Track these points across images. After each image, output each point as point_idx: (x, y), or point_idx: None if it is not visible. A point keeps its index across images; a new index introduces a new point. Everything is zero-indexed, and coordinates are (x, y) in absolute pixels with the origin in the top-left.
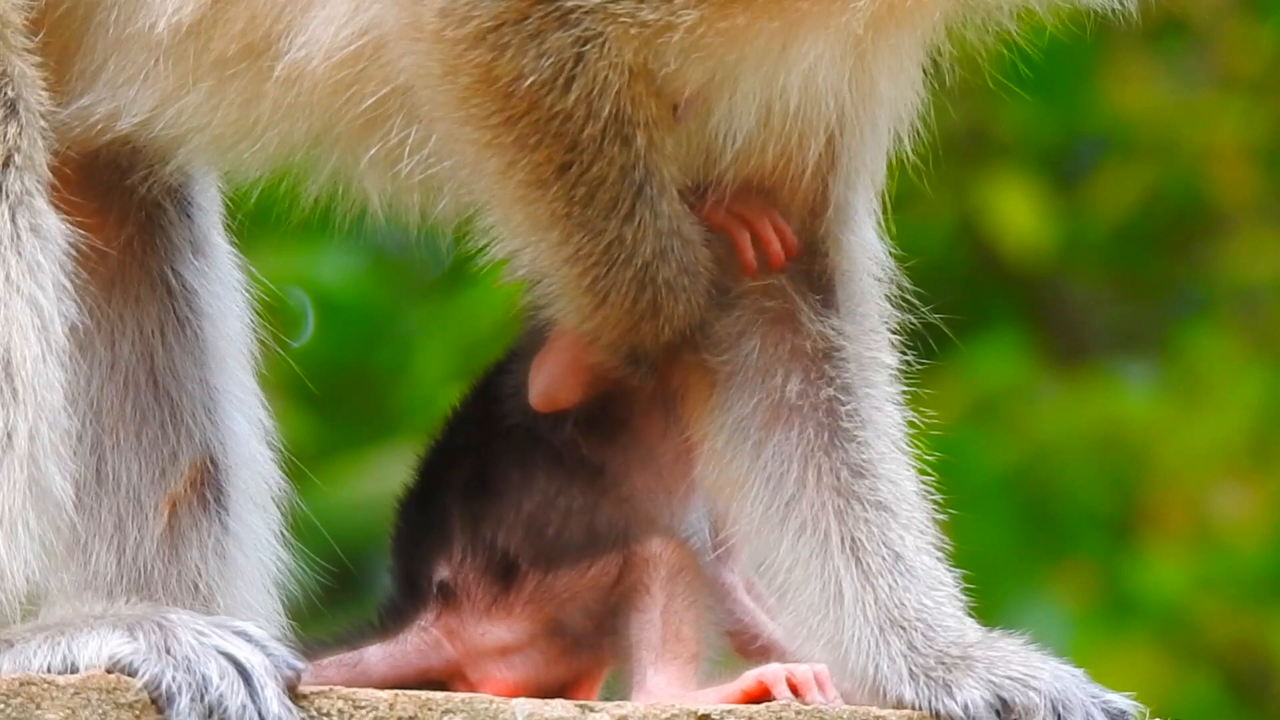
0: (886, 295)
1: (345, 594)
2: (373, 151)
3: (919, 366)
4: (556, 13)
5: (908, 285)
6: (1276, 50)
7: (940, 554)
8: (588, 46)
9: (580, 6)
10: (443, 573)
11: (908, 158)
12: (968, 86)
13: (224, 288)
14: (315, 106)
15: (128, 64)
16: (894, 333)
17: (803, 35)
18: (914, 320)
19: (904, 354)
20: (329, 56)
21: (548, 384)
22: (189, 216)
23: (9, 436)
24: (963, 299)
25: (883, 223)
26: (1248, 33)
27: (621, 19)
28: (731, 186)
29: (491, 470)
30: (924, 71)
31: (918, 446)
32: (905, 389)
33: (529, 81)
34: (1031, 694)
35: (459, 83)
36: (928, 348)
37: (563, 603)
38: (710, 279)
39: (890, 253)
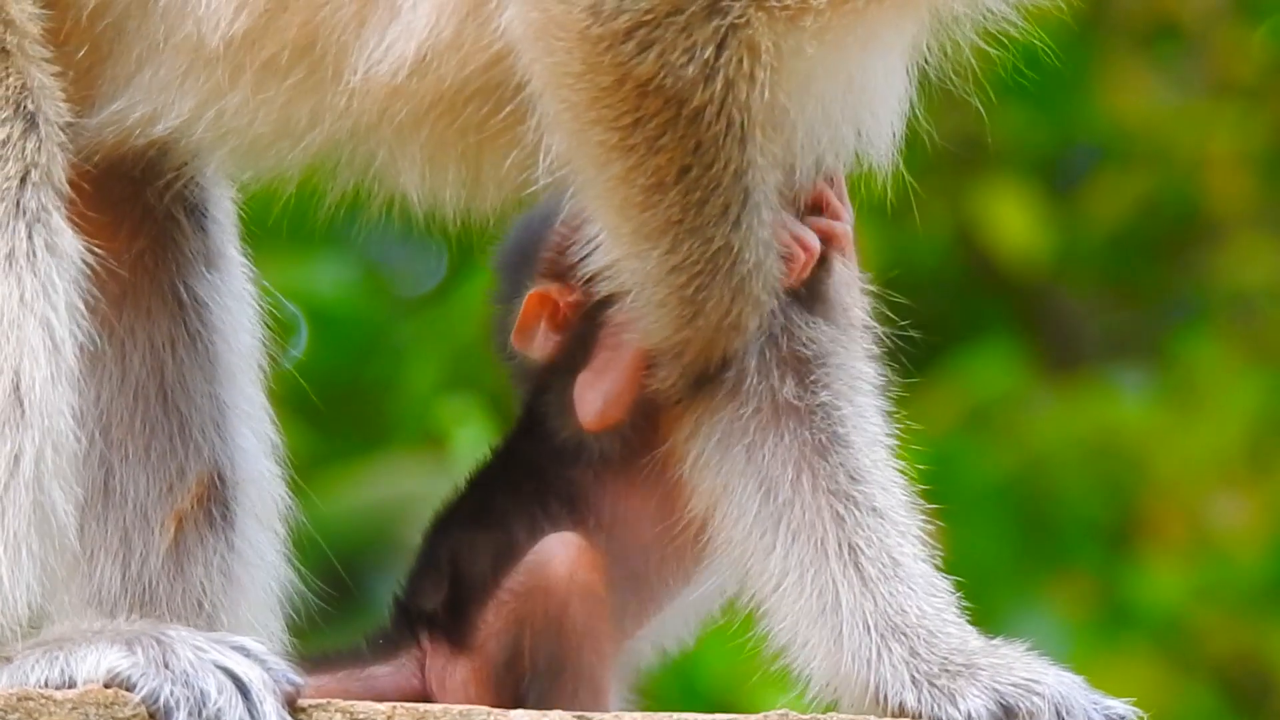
0: (874, 305)
1: (339, 604)
2: (511, 160)
3: (914, 374)
4: (706, 2)
5: (902, 294)
6: (1270, 56)
7: (935, 562)
8: (731, 37)
9: None
10: (427, 604)
11: (906, 166)
12: (963, 94)
13: (235, 301)
14: (368, 112)
15: (167, 68)
16: (887, 341)
17: (907, 17)
18: (909, 328)
19: (899, 362)
20: (399, 65)
21: (605, 402)
22: (203, 229)
23: (15, 460)
24: (958, 307)
25: (880, 231)
26: (1241, 39)
27: (768, 3)
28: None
29: (488, 503)
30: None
31: (913, 455)
32: (900, 397)
33: (668, 79)
34: (1035, 699)
35: (598, 82)
36: (923, 356)
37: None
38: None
39: (886, 261)
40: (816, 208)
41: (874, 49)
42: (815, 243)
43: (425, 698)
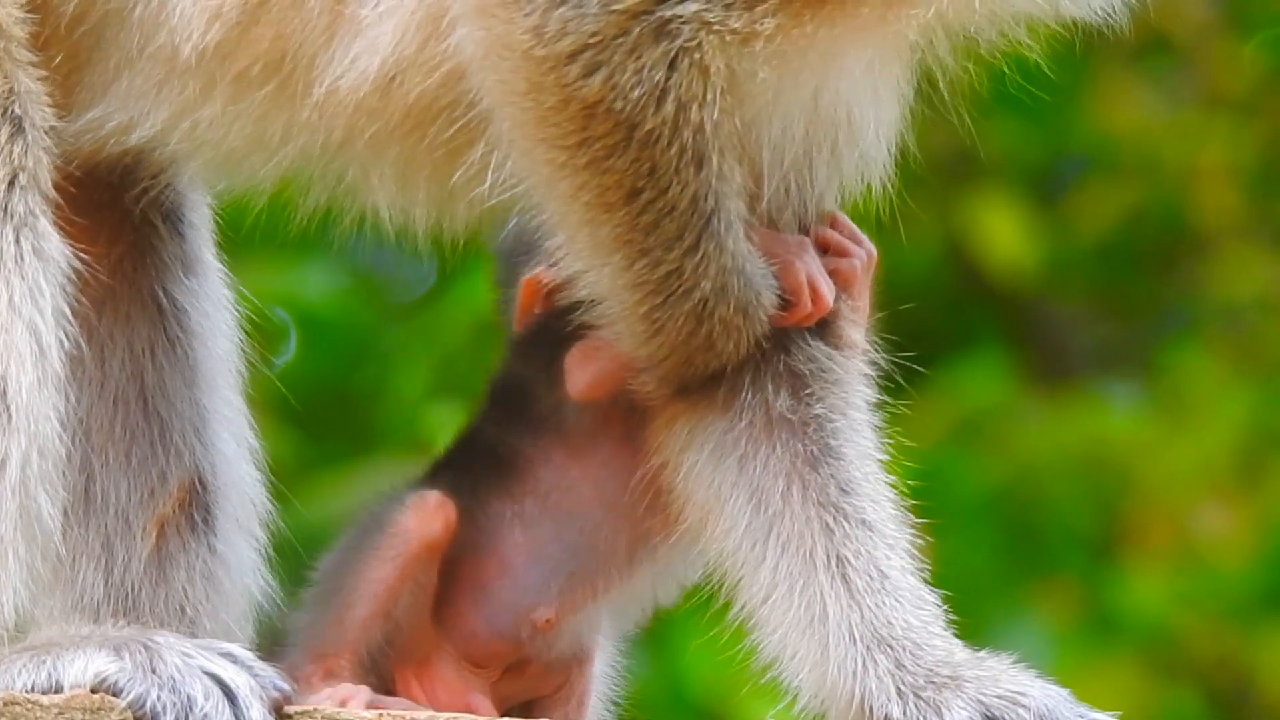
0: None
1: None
2: (461, 174)
3: (904, 386)
4: (655, 24)
5: (892, 305)
6: (1261, 70)
7: (923, 575)
8: (682, 59)
9: (678, 16)
10: None
11: (896, 178)
12: (953, 105)
13: (214, 307)
14: (339, 127)
15: (143, 78)
16: (877, 353)
17: (862, 41)
18: (899, 340)
19: (888, 373)
20: (371, 81)
21: (595, 376)
22: (180, 235)
23: (1, 465)
24: (947, 318)
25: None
26: (1232, 52)
27: (715, 27)
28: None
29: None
30: (907, 87)
31: (902, 466)
32: (890, 408)
33: (616, 102)
34: (1021, 711)
35: (542, 102)
36: (912, 367)
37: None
38: (767, 323)
39: (877, 273)
40: (823, 248)
41: (837, 72)
42: (829, 296)
43: None
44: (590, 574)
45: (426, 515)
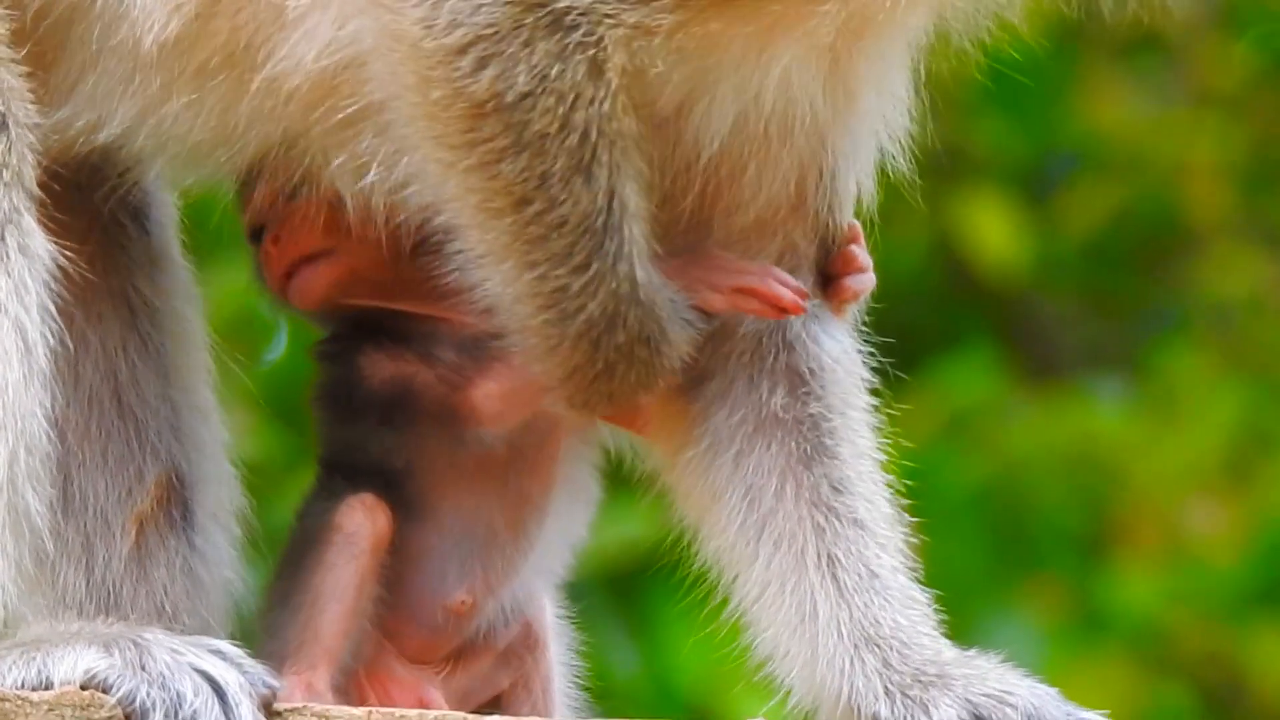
0: (860, 314)
1: None
2: (341, 161)
3: (893, 383)
4: (551, 16)
5: (880, 303)
6: (1250, 68)
7: (914, 575)
8: (576, 55)
9: (574, 8)
10: None
11: (885, 175)
12: (943, 103)
13: (184, 303)
14: (291, 116)
15: (108, 76)
16: (868, 350)
17: (775, 40)
18: (888, 337)
19: (877, 371)
20: (309, 68)
21: (502, 402)
22: (148, 233)
23: None
24: (935, 316)
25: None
26: (1222, 50)
27: (609, 20)
28: (705, 211)
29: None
30: (910, 91)
31: (891, 464)
32: (879, 406)
33: (507, 98)
34: (1008, 710)
35: (430, 96)
36: (901, 364)
37: None
38: (682, 357)
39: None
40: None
41: (767, 72)
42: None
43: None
44: (493, 553)
45: (369, 513)
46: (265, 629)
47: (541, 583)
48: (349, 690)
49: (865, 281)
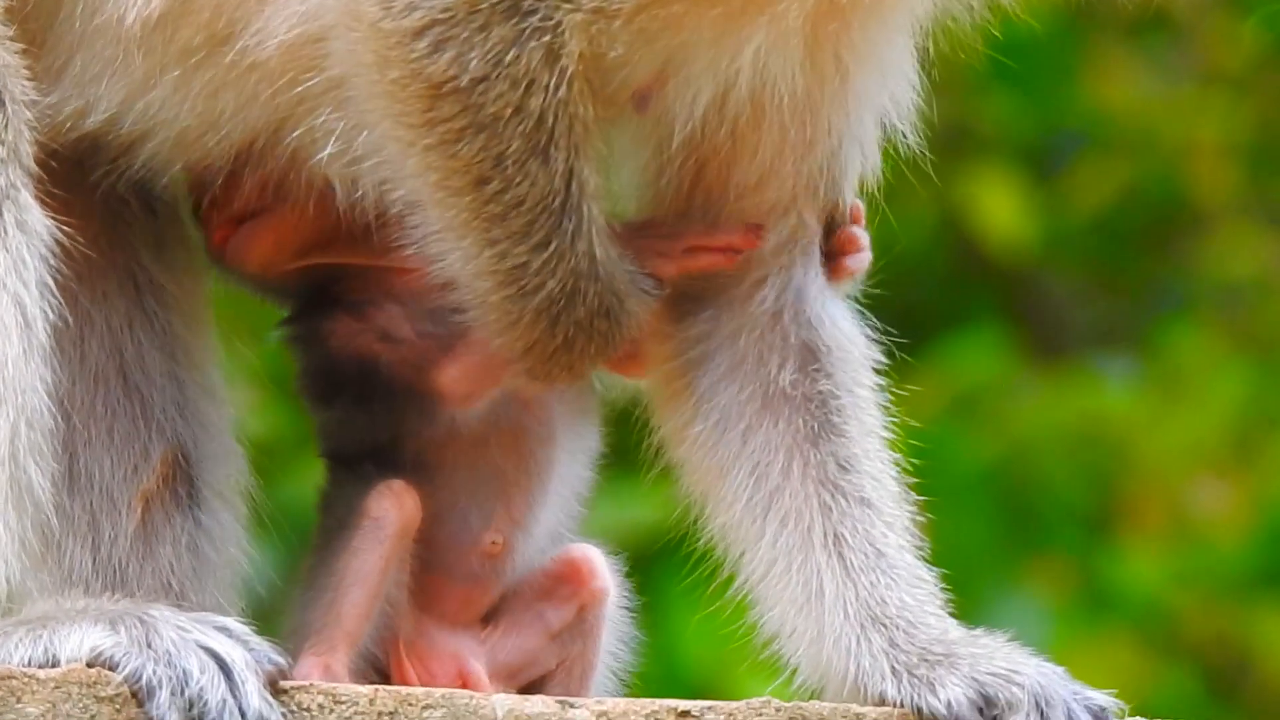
0: (864, 293)
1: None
2: (302, 133)
3: (900, 361)
4: (507, 2)
5: (887, 281)
6: (1259, 47)
7: (920, 553)
8: (531, 41)
9: None
10: None
11: (891, 153)
12: (950, 81)
13: (190, 281)
14: (267, 92)
15: (94, 59)
16: (876, 329)
17: (745, 23)
18: (895, 315)
19: (885, 350)
20: (279, 46)
21: (467, 384)
22: (153, 211)
23: None
24: (943, 294)
25: (868, 218)
26: (1229, 29)
27: (567, 5)
28: (697, 194)
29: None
30: (916, 69)
31: (899, 443)
32: (886, 384)
33: (463, 81)
34: (1014, 689)
35: (388, 76)
36: (909, 343)
37: None
38: (640, 326)
39: (873, 248)
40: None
41: (727, 59)
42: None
43: None
44: (509, 490)
45: (398, 499)
46: (289, 611)
47: (569, 506)
48: (391, 672)
49: (862, 261)
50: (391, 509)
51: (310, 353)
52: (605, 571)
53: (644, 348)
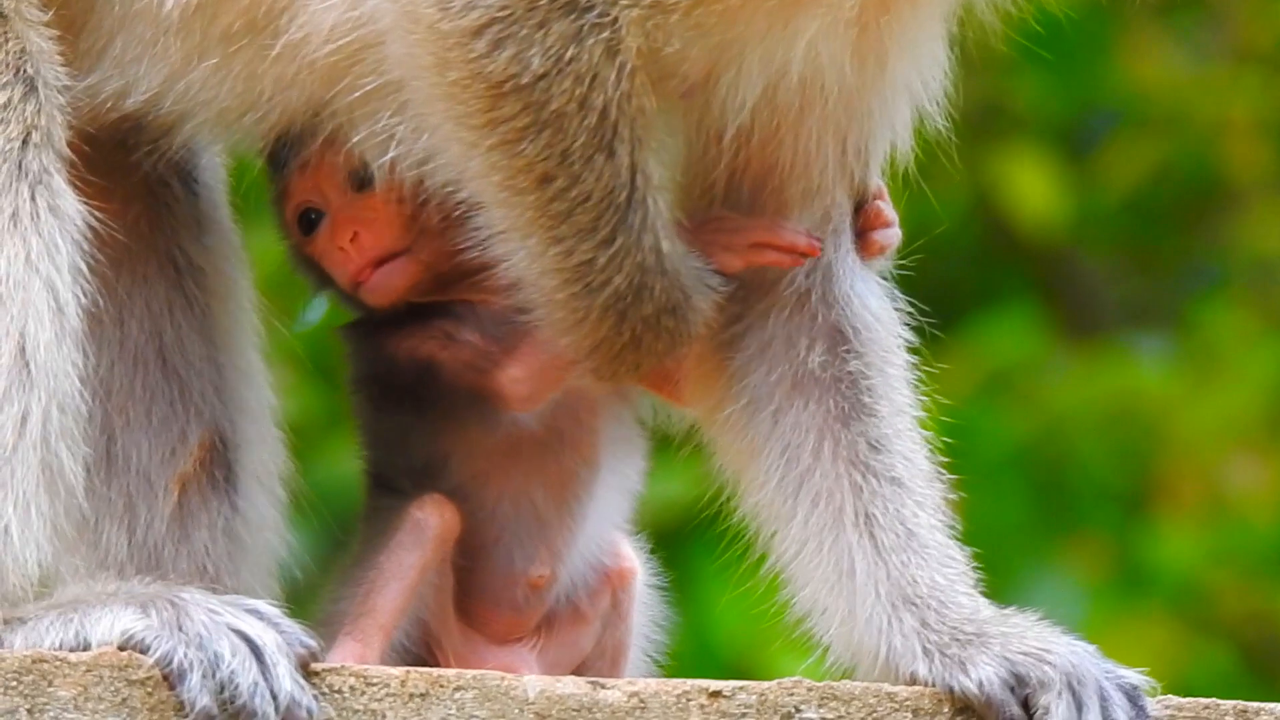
0: (897, 272)
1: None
2: (362, 137)
3: (933, 340)
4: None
5: (921, 260)
6: None
7: (952, 532)
8: (591, 38)
9: None
10: None
11: (937, 132)
12: (982, 60)
13: (230, 265)
14: (313, 84)
15: (135, 41)
16: (908, 308)
17: (800, 13)
18: (928, 294)
19: (918, 329)
20: (326, 40)
21: (529, 385)
22: (194, 194)
23: (23, 420)
24: (976, 273)
25: (900, 198)
26: (1262, 7)
27: (624, 1)
28: (739, 179)
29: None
30: (950, 47)
31: (932, 422)
32: (919, 363)
33: (524, 79)
34: (1046, 669)
35: (448, 77)
36: (942, 322)
37: None
38: (705, 322)
39: (904, 228)
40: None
41: (780, 50)
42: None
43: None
44: (548, 528)
45: (439, 507)
46: (323, 603)
47: (616, 537)
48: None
49: (892, 236)
50: (433, 514)
51: (369, 359)
52: (631, 552)
53: (680, 370)
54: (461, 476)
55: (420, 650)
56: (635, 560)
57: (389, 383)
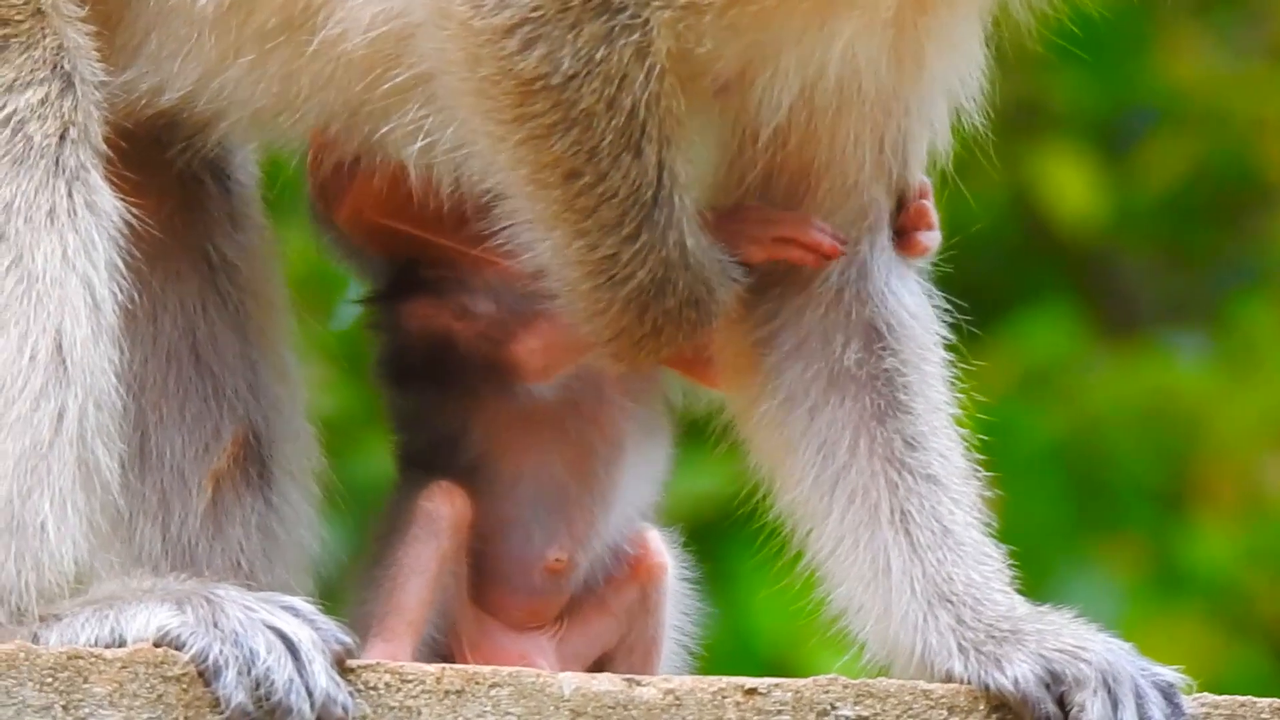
0: (935, 269)
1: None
2: (392, 128)
3: (970, 338)
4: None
5: (958, 258)
6: None
7: (988, 530)
8: (621, 39)
9: None
10: None
11: (962, 131)
12: (1020, 58)
13: (264, 261)
14: (349, 82)
15: (170, 38)
16: (945, 305)
17: (836, 14)
18: (966, 292)
19: (955, 326)
20: (362, 36)
21: (545, 356)
22: (228, 190)
23: (59, 417)
24: (1014, 270)
25: (938, 196)
26: None
27: (657, 2)
28: (776, 178)
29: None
30: (987, 45)
31: (968, 419)
32: (956, 361)
33: (554, 78)
34: (1082, 666)
35: (478, 73)
36: (980, 319)
37: None
38: (724, 315)
39: (942, 226)
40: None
41: (817, 51)
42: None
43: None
44: (571, 508)
45: (447, 496)
46: (350, 605)
47: (647, 529)
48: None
49: (935, 238)
50: (442, 504)
51: (388, 337)
52: (661, 547)
53: (719, 353)
54: (480, 451)
55: (447, 640)
56: (666, 554)
57: (407, 359)
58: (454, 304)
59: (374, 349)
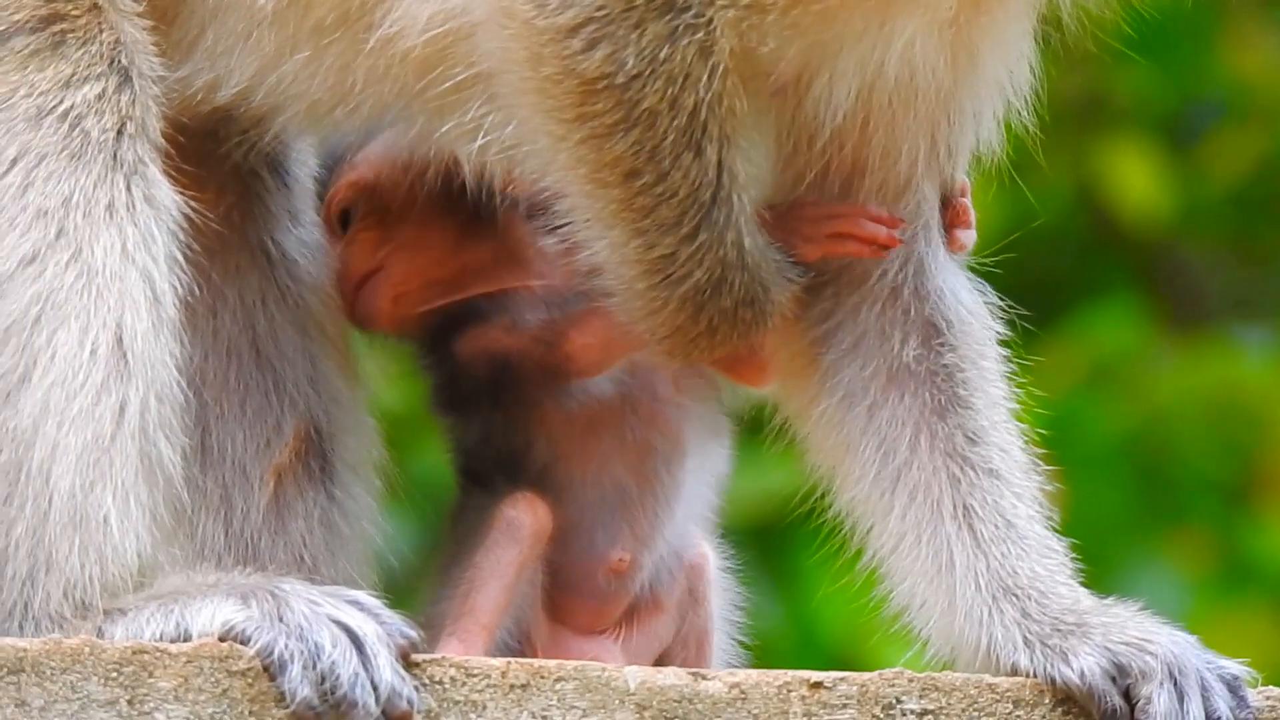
0: (999, 263)
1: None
2: (450, 126)
3: (1036, 332)
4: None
5: (1024, 252)
6: None
7: (1050, 523)
8: (685, 38)
9: None
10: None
11: (1026, 126)
12: (1085, 52)
13: (322, 256)
14: (405, 77)
15: (227, 33)
16: (1010, 300)
17: (897, 14)
18: (1032, 286)
19: (1019, 320)
20: (420, 34)
21: (598, 350)
22: (286, 185)
23: (121, 410)
24: (1080, 265)
25: (1004, 190)
26: None
27: (721, 2)
28: (830, 176)
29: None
30: (1036, 42)
31: (1034, 413)
32: (1021, 355)
33: (618, 78)
34: (1148, 659)
35: (541, 72)
36: (1046, 313)
37: None
38: (780, 315)
39: (1008, 220)
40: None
41: (876, 51)
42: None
43: None
44: (633, 508)
45: (531, 506)
46: (421, 606)
47: (693, 527)
48: None
49: (971, 236)
50: (526, 513)
51: (442, 371)
52: (701, 539)
53: (770, 355)
54: (544, 462)
55: (521, 647)
56: (706, 546)
57: (465, 387)
58: (501, 323)
59: (431, 386)
